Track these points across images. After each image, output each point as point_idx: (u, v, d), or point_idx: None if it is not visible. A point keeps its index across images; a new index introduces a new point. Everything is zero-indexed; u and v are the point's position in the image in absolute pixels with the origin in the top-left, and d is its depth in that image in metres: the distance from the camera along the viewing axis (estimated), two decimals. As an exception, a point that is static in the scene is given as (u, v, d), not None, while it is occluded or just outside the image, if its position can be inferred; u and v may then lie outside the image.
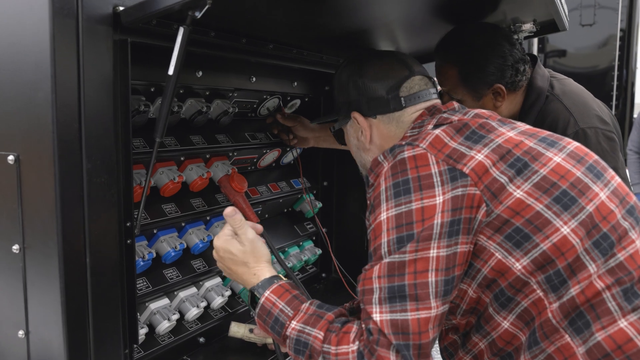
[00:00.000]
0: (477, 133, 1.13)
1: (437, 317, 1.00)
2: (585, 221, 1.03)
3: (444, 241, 1.01)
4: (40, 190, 1.11)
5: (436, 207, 1.02)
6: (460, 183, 1.03)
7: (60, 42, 1.06)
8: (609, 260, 1.02)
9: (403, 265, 1.01)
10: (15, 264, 1.15)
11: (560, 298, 1.02)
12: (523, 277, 1.03)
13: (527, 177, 1.06)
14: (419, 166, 1.06)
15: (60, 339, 1.12)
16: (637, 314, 0.99)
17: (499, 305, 1.07)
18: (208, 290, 1.73)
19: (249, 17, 1.39)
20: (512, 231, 1.02)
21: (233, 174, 1.73)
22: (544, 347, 1.02)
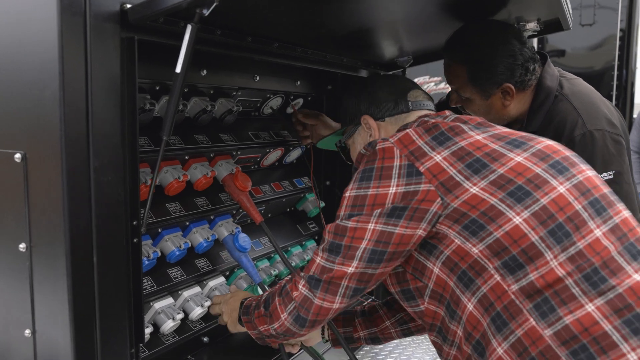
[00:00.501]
0: (445, 135, 1.24)
1: (354, 274, 1.22)
2: (538, 213, 1.11)
3: (383, 219, 1.18)
4: (47, 189, 1.10)
5: (387, 197, 1.19)
6: (415, 180, 1.18)
7: (68, 39, 1.05)
8: (568, 249, 1.09)
9: (345, 230, 1.23)
10: (21, 263, 1.14)
11: (519, 281, 1.09)
12: (481, 261, 1.12)
13: (484, 176, 1.16)
14: (385, 158, 1.22)
15: (67, 339, 1.11)
16: (603, 298, 1.04)
17: (464, 285, 1.16)
18: (212, 290, 1.72)
19: (255, 16, 1.38)
20: (469, 222, 1.14)
21: (237, 173, 1.73)
22: (513, 329, 1.08)
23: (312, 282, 1.27)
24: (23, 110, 1.11)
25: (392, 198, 1.18)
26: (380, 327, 1.67)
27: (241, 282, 1.82)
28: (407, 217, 1.17)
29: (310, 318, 1.29)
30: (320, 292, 1.25)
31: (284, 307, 1.33)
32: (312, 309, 1.27)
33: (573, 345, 1.03)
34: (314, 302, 1.26)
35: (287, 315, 1.33)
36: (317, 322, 1.30)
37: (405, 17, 1.70)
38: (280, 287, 1.38)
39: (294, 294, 1.31)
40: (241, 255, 1.73)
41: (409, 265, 1.26)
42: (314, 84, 2.15)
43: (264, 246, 1.99)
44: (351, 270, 1.22)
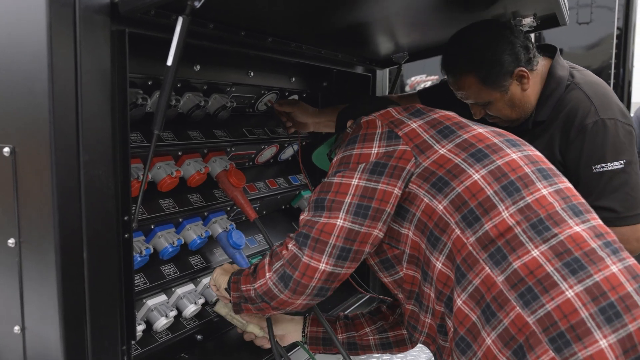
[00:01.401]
0: (420, 111, 1.40)
1: (342, 229, 1.25)
2: (494, 171, 1.24)
3: (366, 175, 1.27)
4: (36, 183, 1.09)
5: (370, 155, 1.29)
6: (394, 142, 1.30)
7: (57, 31, 1.03)
8: (518, 202, 1.20)
9: (330, 185, 1.30)
10: (10, 259, 1.13)
11: (476, 233, 1.19)
12: (444, 217, 1.23)
13: (451, 140, 1.30)
14: (369, 127, 1.35)
15: (57, 335, 1.10)
16: (547, 245, 1.14)
17: (432, 245, 1.25)
18: (206, 287, 1.71)
19: (248, 9, 1.37)
20: (436, 180, 1.25)
21: (231, 169, 1.71)
22: (470, 279, 1.17)
23: (299, 239, 1.28)
24: (11, 103, 1.09)
25: (374, 156, 1.28)
26: (359, 333, 1.66)
27: (235, 280, 1.80)
28: (388, 174, 1.26)
29: (296, 277, 1.27)
30: (307, 249, 1.26)
31: (270, 266, 1.33)
32: (300, 267, 1.26)
33: (520, 287, 1.11)
34: (301, 259, 1.26)
35: (272, 273, 1.32)
36: (300, 284, 1.27)
37: (401, 12, 1.69)
38: (272, 250, 1.39)
39: (282, 253, 1.32)
40: (235, 252, 1.71)
41: (385, 235, 1.32)
42: (309, 81, 2.14)
43: (258, 243, 1.98)
44: (340, 223, 1.24)
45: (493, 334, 1.13)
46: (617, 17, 4.80)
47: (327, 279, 1.27)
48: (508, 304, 1.11)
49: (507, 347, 1.10)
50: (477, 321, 1.16)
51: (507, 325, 1.11)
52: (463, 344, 1.19)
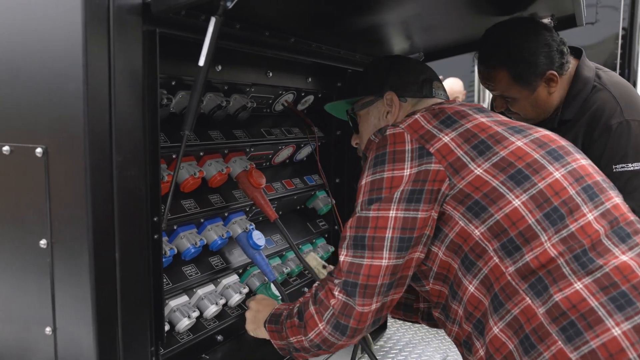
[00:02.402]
0: (451, 118, 1.29)
1: (388, 268, 1.21)
2: (535, 196, 1.17)
3: (403, 205, 1.20)
4: (69, 184, 1.08)
5: (403, 178, 1.21)
6: (426, 160, 1.22)
7: (91, 31, 1.03)
8: (561, 231, 1.14)
9: (367, 220, 1.22)
10: (42, 260, 1.12)
11: (516, 263, 1.14)
12: (481, 243, 1.18)
13: (488, 158, 1.22)
14: (396, 142, 1.25)
15: (89, 336, 1.10)
16: (591, 277, 1.10)
17: (465, 268, 1.21)
18: (226, 288, 1.71)
19: (273, 9, 1.37)
20: (472, 203, 1.19)
21: (251, 169, 1.71)
22: (509, 309, 1.14)
23: (347, 288, 1.24)
24: (44, 103, 1.09)
25: (407, 180, 1.21)
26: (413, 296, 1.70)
27: (254, 280, 1.80)
28: (426, 200, 1.20)
29: (352, 325, 1.25)
30: (358, 298, 1.22)
31: (320, 317, 1.28)
32: (353, 315, 1.24)
33: (562, 321, 1.08)
34: (354, 308, 1.23)
35: (325, 324, 1.28)
36: (357, 330, 1.26)
37: (420, 13, 1.70)
38: (313, 295, 1.33)
39: (330, 302, 1.27)
40: (255, 252, 1.71)
41: None
42: (325, 81, 2.13)
43: (275, 244, 1.98)
44: (385, 263, 1.20)
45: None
46: (622, 17, 4.81)
47: (379, 312, 1.27)
48: (549, 337, 1.08)
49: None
50: (514, 350, 1.13)
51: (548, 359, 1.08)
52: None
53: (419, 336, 2.44)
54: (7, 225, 1.18)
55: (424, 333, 2.47)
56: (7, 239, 1.18)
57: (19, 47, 1.11)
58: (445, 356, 2.24)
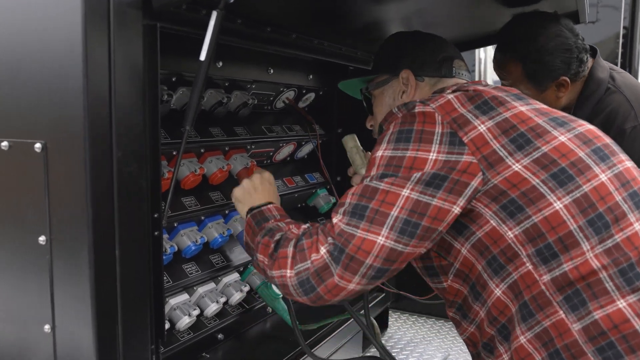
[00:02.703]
0: (489, 104, 1.16)
1: (382, 248, 1.07)
2: (579, 200, 1.07)
3: (420, 187, 1.07)
4: (68, 179, 1.07)
5: (427, 162, 1.08)
6: (458, 150, 1.09)
7: (91, 25, 1.02)
8: (606, 241, 1.05)
9: (375, 192, 1.10)
10: (41, 256, 1.11)
11: (552, 271, 1.05)
12: (514, 247, 1.07)
13: (528, 153, 1.10)
14: (425, 122, 1.12)
15: (89, 334, 1.08)
16: (636, 295, 1.01)
17: (493, 271, 1.11)
18: (226, 286, 1.70)
19: (276, 5, 1.36)
20: (507, 202, 1.07)
21: (252, 166, 1.70)
22: (539, 319, 1.05)
23: (335, 252, 1.10)
24: (44, 98, 1.07)
25: (431, 164, 1.08)
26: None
27: (255, 279, 1.78)
28: (447, 188, 1.07)
29: (320, 291, 1.12)
30: (340, 267, 1.09)
31: (293, 264, 1.16)
32: (327, 282, 1.11)
33: (601, 342, 1.00)
34: (332, 275, 1.10)
35: (294, 275, 1.15)
36: (322, 299, 1.14)
37: (421, 9, 1.69)
38: (298, 236, 1.19)
39: (311, 256, 1.13)
40: (256, 250, 1.70)
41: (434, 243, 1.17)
42: (326, 78, 2.12)
43: (276, 242, 1.96)
44: (380, 241, 1.06)
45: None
46: (623, 16, 4.80)
47: (356, 293, 1.15)
48: (584, 357, 1.00)
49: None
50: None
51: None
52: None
53: (420, 335, 2.43)
54: (5, 222, 1.16)
55: (425, 332, 2.46)
56: (5, 235, 1.16)
57: (19, 42, 1.10)
58: (447, 355, 2.23)
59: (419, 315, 2.62)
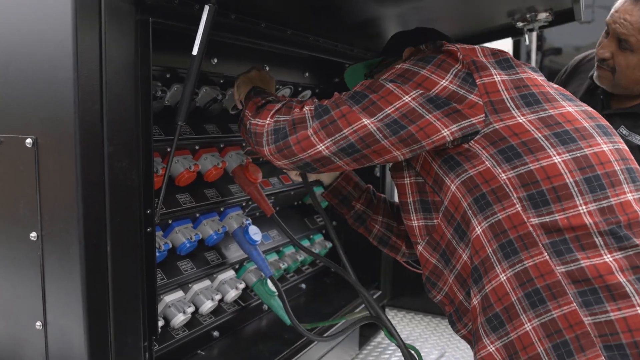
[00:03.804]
0: (509, 62, 1.22)
1: (363, 128, 1.13)
2: (579, 159, 1.11)
3: (421, 100, 1.12)
4: (59, 175, 1.06)
5: (436, 85, 1.13)
6: (468, 87, 1.14)
7: (82, 19, 1.01)
8: (601, 201, 1.09)
9: (380, 87, 1.16)
10: (32, 253, 1.10)
11: (541, 217, 1.08)
12: (505, 188, 1.10)
13: (535, 111, 1.15)
14: (448, 56, 1.18)
15: (80, 330, 1.07)
16: (623, 253, 1.05)
17: (478, 208, 1.13)
18: (222, 283, 1.69)
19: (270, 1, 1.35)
20: (506, 147, 1.11)
21: (248, 164, 1.69)
22: (522, 258, 1.08)
23: (319, 109, 1.17)
24: (34, 92, 1.07)
25: (440, 89, 1.13)
26: (372, 215, 1.62)
27: (250, 276, 1.78)
28: (445, 112, 1.12)
29: (290, 140, 1.18)
30: (318, 123, 1.15)
31: (276, 113, 1.23)
32: (299, 133, 1.17)
33: (584, 286, 1.04)
34: (307, 127, 1.16)
35: (273, 121, 1.23)
36: (289, 149, 1.19)
37: (419, 6, 1.68)
38: (289, 100, 1.28)
39: (294, 110, 1.21)
40: (251, 248, 1.69)
41: (430, 177, 1.22)
42: (322, 76, 2.12)
43: (272, 239, 1.96)
44: (365, 122, 1.12)
45: (536, 321, 1.05)
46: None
47: (319, 160, 1.19)
48: (564, 297, 1.03)
49: (549, 338, 1.04)
50: (517, 303, 1.08)
51: (556, 318, 1.04)
52: (496, 321, 1.11)
53: (417, 332, 2.42)
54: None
55: (422, 329, 2.45)
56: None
57: (8, 36, 1.09)
58: (443, 352, 2.23)
59: (416, 313, 2.61)
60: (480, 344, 1.12)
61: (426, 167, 1.22)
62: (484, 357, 1.11)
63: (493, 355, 1.10)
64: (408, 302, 2.63)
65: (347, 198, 1.62)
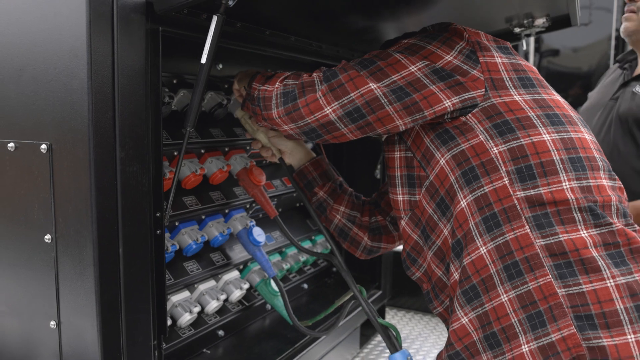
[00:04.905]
0: (509, 50, 1.30)
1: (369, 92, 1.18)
2: (565, 140, 1.19)
3: (426, 70, 1.19)
4: (73, 179, 1.10)
5: (441, 59, 1.20)
6: (471, 64, 1.21)
7: (96, 29, 1.05)
8: (581, 180, 1.16)
9: (389, 56, 1.22)
10: (47, 254, 1.14)
11: (527, 190, 1.14)
12: (495, 161, 1.16)
13: (530, 93, 1.23)
14: (454, 34, 1.25)
15: (93, 330, 1.11)
16: (597, 230, 1.12)
17: (466, 181, 1.18)
18: (226, 283, 1.73)
19: (275, 8, 1.39)
20: (501, 122, 1.18)
21: (252, 167, 1.73)
22: (504, 231, 1.13)
23: (327, 73, 1.23)
24: (49, 100, 1.11)
25: (444, 63, 1.20)
26: (334, 205, 1.64)
27: (254, 276, 1.82)
28: (448, 84, 1.18)
29: (299, 102, 1.24)
30: (326, 86, 1.21)
31: (284, 79, 1.31)
32: (308, 96, 1.23)
33: (560, 259, 1.10)
34: (315, 90, 1.22)
35: (282, 85, 1.29)
36: (297, 112, 1.24)
37: (417, 13, 1.72)
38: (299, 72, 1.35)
39: (304, 76, 1.28)
40: (255, 249, 1.73)
41: (419, 151, 1.26)
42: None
43: (275, 240, 2.00)
44: (372, 86, 1.18)
45: (512, 292, 1.10)
46: (615, 18, 4.86)
47: (325, 125, 1.24)
48: (541, 269, 1.09)
49: (524, 309, 1.09)
50: (495, 275, 1.12)
51: (532, 289, 1.08)
52: (472, 293, 1.15)
53: (417, 331, 2.46)
54: (12, 221, 1.19)
55: (422, 328, 2.49)
56: (12, 233, 1.19)
57: (25, 45, 1.13)
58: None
59: (415, 312, 2.66)
60: (454, 316, 1.17)
61: (417, 142, 1.27)
62: (456, 329, 1.16)
63: (465, 327, 1.15)
64: (408, 302, 2.67)
65: (311, 183, 1.65)
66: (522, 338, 1.08)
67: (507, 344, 1.10)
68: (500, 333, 1.10)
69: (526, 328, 1.08)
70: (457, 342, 1.16)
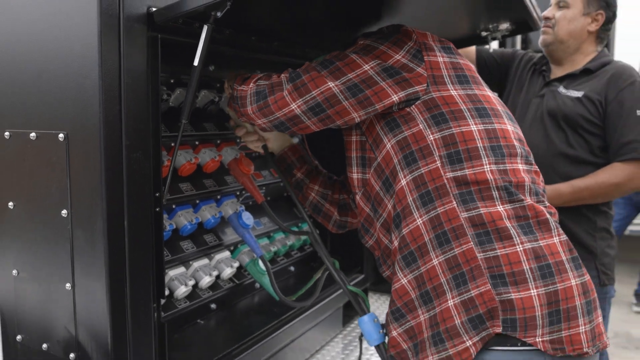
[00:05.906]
0: (451, 50, 1.49)
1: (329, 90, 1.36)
2: (489, 130, 1.38)
3: (378, 69, 1.36)
4: (86, 163, 1.30)
5: (391, 58, 1.38)
6: (416, 62, 1.39)
7: (105, 37, 1.25)
8: (499, 164, 1.35)
9: (345, 57, 1.40)
10: (63, 227, 1.34)
11: (455, 171, 1.33)
12: (431, 147, 1.35)
13: (465, 88, 1.42)
14: (404, 35, 1.43)
15: (102, 291, 1.31)
16: (511, 205, 1.32)
17: (406, 163, 1.38)
18: (219, 262, 1.92)
19: (260, 17, 1.59)
20: (438, 114, 1.37)
21: (241, 157, 1.93)
22: (436, 206, 1.33)
23: (293, 74, 1.41)
24: (67, 96, 1.31)
25: (394, 61, 1.38)
26: (310, 184, 1.85)
27: (244, 257, 2.01)
28: (396, 80, 1.36)
29: (269, 100, 1.43)
30: (291, 85, 1.39)
31: (258, 81, 1.49)
32: (276, 94, 1.41)
33: (480, 229, 1.30)
34: (282, 90, 1.40)
35: (255, 85, 1.48)
36: (268, 108, 1.43)
37: (391, 22, 1.91)
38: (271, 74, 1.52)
39: (273, 77, 1.47)
40: (244, 231, 1.92)
41: (371, 137, 1.45)
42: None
43: (264, 225, 2.19)
44: (331, 84, 1.36)
45: (441, 257, 1.30)
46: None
47: (292, 119, 1.42)
48: (464, 237, 1.29)
49: (450, 270, 1.29)
50: (428, 242, 1.32)
51: (457, 254, 1.29)
52: (410, 258, 1.35)
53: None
54: (34, 199, 1.40)
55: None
56: (34, 210, 1.40)
57: (45, 50, 1.33)
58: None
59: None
60: (396, 277, 1.39)
61: (370, 129, 1.45)
62: (397, 289, 1.38)
63: (405, 287, 1.36)
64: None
65: (290, 166, 1.88)
66: (448, 294, 1.30)
67: (437, 299, 1.31)
68: (432, 291, 1.32)
69: (452, 286, 1.29)
70: (398, 299, 1.38)
